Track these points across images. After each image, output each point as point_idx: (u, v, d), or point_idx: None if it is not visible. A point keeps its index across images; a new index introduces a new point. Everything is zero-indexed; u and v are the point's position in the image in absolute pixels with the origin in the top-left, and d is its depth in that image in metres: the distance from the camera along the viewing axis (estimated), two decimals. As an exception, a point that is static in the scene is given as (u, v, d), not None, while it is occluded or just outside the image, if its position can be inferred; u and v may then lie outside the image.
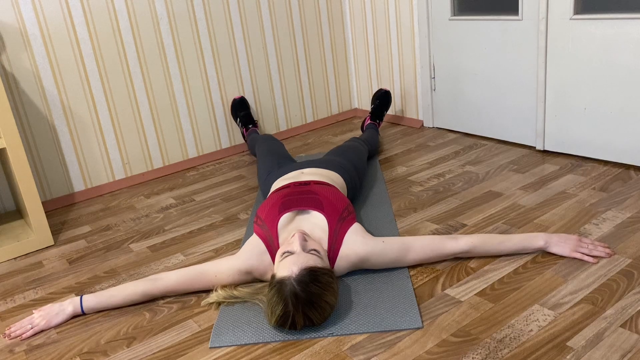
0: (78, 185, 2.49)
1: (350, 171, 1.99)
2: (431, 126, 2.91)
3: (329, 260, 1.52)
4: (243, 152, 2.91)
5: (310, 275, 1.31)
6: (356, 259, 1.53)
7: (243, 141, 2.93)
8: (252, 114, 2.84)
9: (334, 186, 1.74)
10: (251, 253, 1.54)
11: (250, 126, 2.73)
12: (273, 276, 1.37)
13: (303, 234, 1.47)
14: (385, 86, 3.07)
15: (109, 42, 2.44)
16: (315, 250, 1.42)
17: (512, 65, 2.42)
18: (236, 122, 2.79)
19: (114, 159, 2.56)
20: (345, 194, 1.89)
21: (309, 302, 1.31)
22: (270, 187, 1.95)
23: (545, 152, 2.39)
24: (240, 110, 2.76)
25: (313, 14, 3.02)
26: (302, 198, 1.62)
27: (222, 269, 1.54)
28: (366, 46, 3.10)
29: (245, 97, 2.81)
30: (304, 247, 1.41)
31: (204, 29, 2.67)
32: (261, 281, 1.57)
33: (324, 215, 1.56)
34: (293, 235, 1.47)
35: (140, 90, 2.56)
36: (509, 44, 2.40)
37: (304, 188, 1.68)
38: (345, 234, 1.54)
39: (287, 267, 1.34)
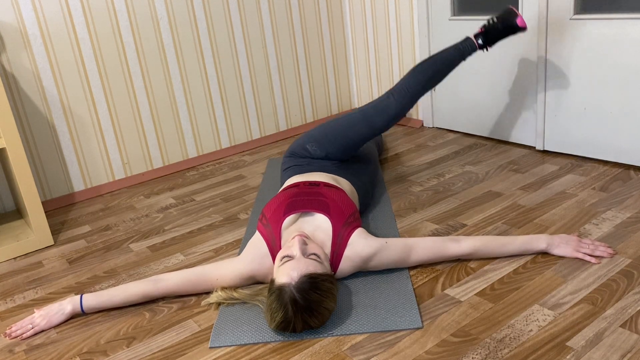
0: (78, 185, 2.49)
1: (369, 191, 1.96)
2: (431, 126, 2.91)
3: (332, 263, 1.51)
4: (243, 152, 2.91)
5: (310, 283, 1.30)
6: (359, 261, 1.52)
7: (243, 141, 2.93)
8: None
9: (343, 191, 1.72)
10: (253, 256, 1.53)
11: None
12: (272, 281, 1.36)
13: (303, 237, 1.45)
14: (385, 86, 3.06)
15: (109, 42, 2.44)
16: (315, 254, 1.41)
17: (512, 65, 2.42)
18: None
19: (113, 159, 2.56)
20: (357, 207, 1.86)
21: (309, 309, 1.30)
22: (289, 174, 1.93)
23: (545, 152, 2.39)
24: None
25: (313, 14, 3.02)
26: (309, 200, 1.61)
27: (224, 272, 1.54)
28: (366, 46, 3.10)
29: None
30: (303, 252, 1.39)
31: (204, 29, 2.67)
32: (262, 283, 1.57)
33: (329, 219, 1.55)
34: (293, 238, 1.45)
35: (140, 90, 2.56)
36: (509, 44, 2.40)
37: (313, 189, 1.67)
38: (349, 238, 1.53)
39: (286, 273, 1.32)
